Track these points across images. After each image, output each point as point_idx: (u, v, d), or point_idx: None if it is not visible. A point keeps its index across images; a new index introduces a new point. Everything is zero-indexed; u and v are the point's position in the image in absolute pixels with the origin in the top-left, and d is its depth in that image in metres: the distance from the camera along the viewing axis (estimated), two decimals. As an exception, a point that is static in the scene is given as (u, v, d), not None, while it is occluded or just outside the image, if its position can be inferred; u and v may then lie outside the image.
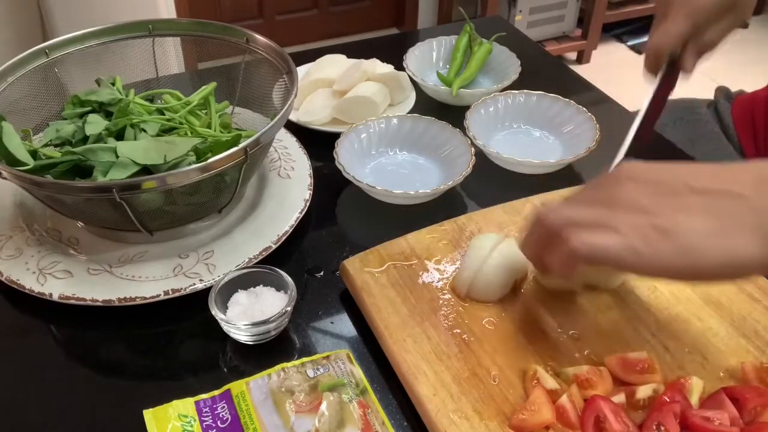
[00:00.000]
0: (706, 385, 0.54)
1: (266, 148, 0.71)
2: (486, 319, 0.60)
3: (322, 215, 0.76)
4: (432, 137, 0.81)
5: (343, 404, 0.53)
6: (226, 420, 0.53)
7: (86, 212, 0.66)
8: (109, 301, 0.62)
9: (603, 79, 1.55)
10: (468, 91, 0.90)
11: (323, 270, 0.69)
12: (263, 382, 0.55)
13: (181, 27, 0.81)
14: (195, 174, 0.60)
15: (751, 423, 0.51)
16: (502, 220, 0.70)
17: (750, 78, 0.72)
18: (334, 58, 0.96)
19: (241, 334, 0.59)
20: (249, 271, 0.62)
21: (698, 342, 0.58)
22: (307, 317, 0.64)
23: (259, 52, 0.78)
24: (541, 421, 0.51)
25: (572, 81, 1.02)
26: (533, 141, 0.86)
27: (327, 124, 0.87)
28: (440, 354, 0.57)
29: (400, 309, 0.61)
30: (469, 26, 0.99)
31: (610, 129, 0.81)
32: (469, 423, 0.52)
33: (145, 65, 0.82)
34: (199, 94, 0.75)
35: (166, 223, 0.67)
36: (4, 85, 0.71)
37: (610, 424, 0.49)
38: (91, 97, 0.72)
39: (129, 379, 0.59)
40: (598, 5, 2.74)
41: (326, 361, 0.57)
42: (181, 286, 0.63)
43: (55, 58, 0.76)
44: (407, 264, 0.65)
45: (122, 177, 0.62)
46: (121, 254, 0.67)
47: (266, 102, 0.80)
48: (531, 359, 0.57)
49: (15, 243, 0.67)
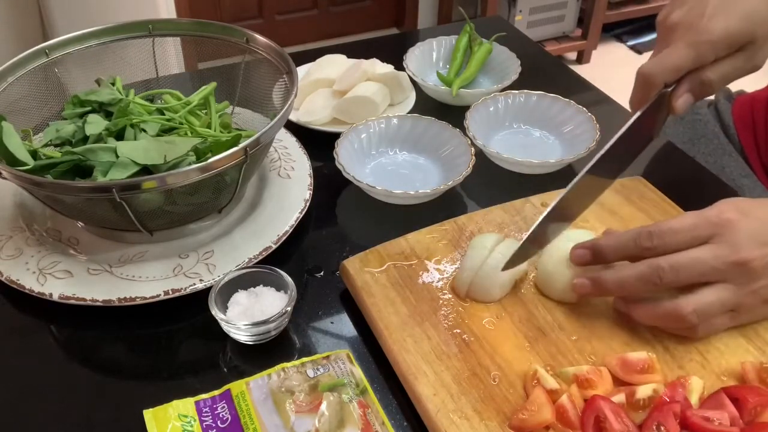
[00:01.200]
0: (706, 385, 0.54)
1: (266, 148, 0.71)
2: (486, 319, 0.60)
3: (322, 215, 0.76)
4: (432, 137, 0.81)
5: (343, 404, 0.53)
6: (226, 420, 0.53)
7: (86, 212, 0.66)
8: (109, 301, 0.62)
9: (603, 79, 1.55)
10: (468, 91, 0.90)
11: (323, 270, 0.69)
12: (263, 382, 0.55)
13: (181, 27, 0.81)
14: (195, 174, 0.60)
15: (751, 423, 0.51)
16: (502, 220, 0.70)
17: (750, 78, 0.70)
18: (334, 58, 0.96)
19: (241, 334, 0.59)
20: (249, 271, 0.62)
21: (698, 342, 0.58)
22: (307, 317, 0.64)
23: (259, 52, 0.77)
24: (541, 421, 0.51)
25: (572, 81, 1.02)
26: (533, 141, 0.86)
27: (327, 124, 0.87)
28: (440, 354, 0.57)
29: (400, 309, 0.61)
30: (469, 26, 0.99)
31: (610, 129, 0.81)
32: (469, 423, 0.52)
33: (145, 65, 0.82)
34: (199, 94, 0.75)
35: (166, 223, 0.67)
36: (4, 85, 0.71)
37: (610, 424, 0.49)
38: (91, 97, 0.72)
39: (129, 379, 0.59)
40: (598, 5, 2.74)
41: (326, 361, 0.57)
42: (181, 286, 0.63)
43: (55, 58, 0.76)
44: (407, 264, 0.65)
45: (122, 177, 0.62)
46: (121, 254, 0.67)
47: (266, 102, 0.79)
48: (531, 359, 0.57)
49: (15, 243, 0.67)
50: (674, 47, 0.62)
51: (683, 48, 0.61)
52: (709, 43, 0.60)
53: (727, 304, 0.55)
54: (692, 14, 0.62)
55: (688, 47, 0.61)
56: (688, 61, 0.61)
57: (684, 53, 0.61)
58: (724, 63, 0.62)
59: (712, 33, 0.60)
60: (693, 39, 0.61)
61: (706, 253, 0.54)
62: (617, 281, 0.57)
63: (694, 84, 0.63)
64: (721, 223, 0.55)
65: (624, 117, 0.63)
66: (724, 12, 0.61)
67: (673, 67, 0.62)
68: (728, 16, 0.60)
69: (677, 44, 0.62)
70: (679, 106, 0.63)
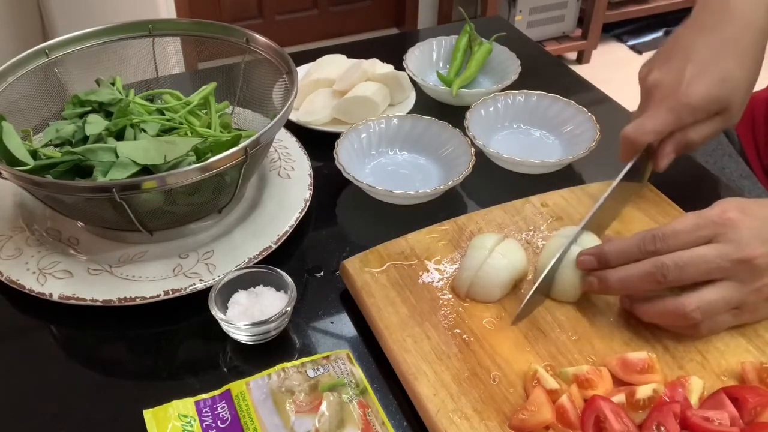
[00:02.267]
0: (706, 385, 0.54)
1: (266, 148, 0.71)
2: (486, 319, 0.60)
3: (322, 215, 0.76)
4: (432, 137, 0.81)
5: (343, 404, 0.53)
6: (226, 420, 0.53)
7: (86, 212, 0.66)
8: (109, 301, 0.62)
9: (603, 79, 1.55)
10: (468, 91, 0.90)
11: (323, 270, 0.69)
12: (263, 382, 0.55)
13: (181, 27, 0.81)
14: (195, 174, 0.60)
15: (751, 423, 0.51)
16: (502, 220, 0.70)
17: None
18: (334, 58, 0.96)
19: (241, 334, 0.59)
20: (249, 271, 0.62)
21: (698, 342, 0.58)
22: (307, 317, 0.64)
23: (259, 52, 0.78)
24: (541, 421, 0.51)
25: (572, 81, 1.02)
26: (533, 141, 0.86)
27: (327, 124, 0.87)
28: (440, 354, 0.57)
29: (400, 309, 0.61)
30: (469, 26, 0.99)
31: (610, 129, 0.81)
32: (469, 423, 0.52)
33: (145, 65, 0.82)
34: (199, 94, 0.75)
35: (166, 223, 0.67)
36: (4, 85, 0.71)
37: (610, 424, 0.49)
38: (91, 97, 0.72)
39: (129, 379, 0.59)
40: (598, 5, 2.74)
41: (326, 361, 0.57)
42: (181, 286, 0.63)
43: (55, 58, 0.76)
44: (407, 264, 0.65)
45: (122, 177, 0.62)
46: (121, 254, 0.67)
47: (266, 102, 0.80)
48: (531, 359, 0.57)
49: (15, 243, 0.67)
50: (655, 111, 0.65)
51: (664, 112, 0.64)
52: (689, 107, 0.64)
53: (730, 302, 0.55)
54: (671, 77, 0.65)
55: (668, 112, 0.64)
56: (669, 125, 0.64)
57: (664, 118, 0.64)
58: (703, 125, 0.66)
59: (691, 98, 0.63)
60: (673, 104, 0.64)
61: (710, 251, 0.54)
62: (622, 279, 0.57)
63: (677, 145, 0.66)
64: (723, 222, 0.55)
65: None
66: (702, 77, 0.64)
67: (655, 131, 0.65)
68: (707, 81, 0.63)
69: (659, 108, 0.65)
70: (663, 165, 0.67)
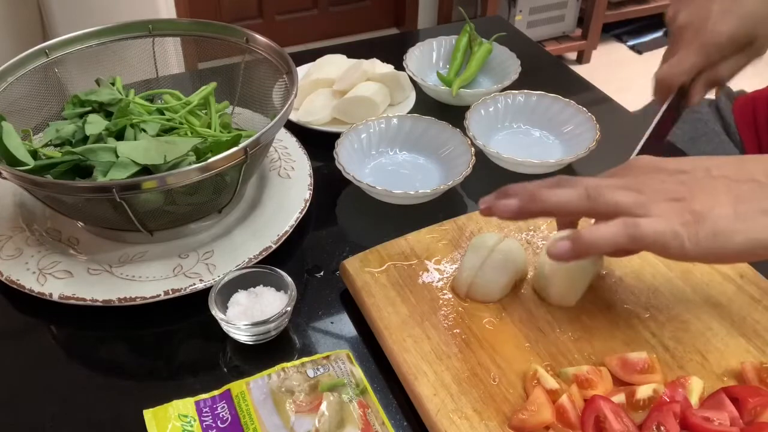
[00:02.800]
0: (706, 385, 0.54)
1: (266, 148, 0.71)
2: (486, 319, 0.60)
3: (322, 215, 0.76)
4: (432, 137, 0.81)
5: (343, 404, 0.53)
6: (226, 420, 0.53)
7: (86, 212, 0.66)
8: (109, 301, 0.62)
9: (603, 79, 1.55)
10: (468, 91, 0.90)
11: (323, 270, 0.69)
12: (263, 382, 0.55)
13: (181, 27, 0.81)
14: (195, 174, 0.60)
15: (751, 423, 0.51)
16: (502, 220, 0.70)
17: (750, 78, 0.73)
18: (334, 58, 0.96)
19: (241, 334, 0.59)
20: (249, 271, 0.62)
21: (698, 342, 0.58)
22: (307, 317, 0.64)
23: (259, 52, 0.77)
24: (541, 421, 0.51)
25: (572, 81, 1.02)
26: (533, 141, 0.86)
27: (327, 124, 0.87)
28: (440, 354, 0.57)
29: (400, 309, 0.61)
30: (469, 26, 0.99)
31: (610, 129, 0.81)
32: (469, 423, 0.52)
33: (145, 65, 0.82)
34: (199, 94, 0.75)
35: (166, 223, 0.67)
36: (4, 85, 0.71)
37: (610, 424, 0.49)
38: (91, 97, 0.72)
39: (129, 379, 0.59)
40: (598, 5, 2.74)
41: (326, 361, 0.57)
42: (181, 286, 0.63)
43: (55, 58, 0.76)
44: (407, 264, 0.65)
45: (122, 177, 0.62)
46: (121, 254, 0.67)
47: (266, 102, 0.80)
48: (531, 359, 0.57)
49: (15, 243, 0.67)
50: (685, 51, 0.68)
51: (693, 52, 0.67)
52: (717, 45, 0.67)
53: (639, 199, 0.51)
54: (698, 16, 0.68)
55: (697, 51, 0.67)
56: (699, 63, 0.68)
57: (694, 57, 0.67)
58: (731, 60, 0.68)
59: (718, 36, 0.66)
60: (701, 42, 0.67)
61: None
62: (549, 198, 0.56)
63: (708, 81, 0.70)
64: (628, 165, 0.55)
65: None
66: (729, 14, 0.66)
67: (688, 69, 0.68)
68: (732, 19, 0.66)
69: (688, 48, 0.68)
70: (696, 101, 0.71)
